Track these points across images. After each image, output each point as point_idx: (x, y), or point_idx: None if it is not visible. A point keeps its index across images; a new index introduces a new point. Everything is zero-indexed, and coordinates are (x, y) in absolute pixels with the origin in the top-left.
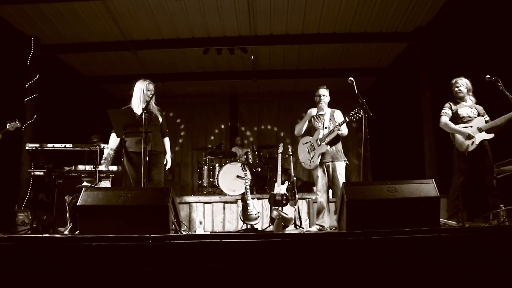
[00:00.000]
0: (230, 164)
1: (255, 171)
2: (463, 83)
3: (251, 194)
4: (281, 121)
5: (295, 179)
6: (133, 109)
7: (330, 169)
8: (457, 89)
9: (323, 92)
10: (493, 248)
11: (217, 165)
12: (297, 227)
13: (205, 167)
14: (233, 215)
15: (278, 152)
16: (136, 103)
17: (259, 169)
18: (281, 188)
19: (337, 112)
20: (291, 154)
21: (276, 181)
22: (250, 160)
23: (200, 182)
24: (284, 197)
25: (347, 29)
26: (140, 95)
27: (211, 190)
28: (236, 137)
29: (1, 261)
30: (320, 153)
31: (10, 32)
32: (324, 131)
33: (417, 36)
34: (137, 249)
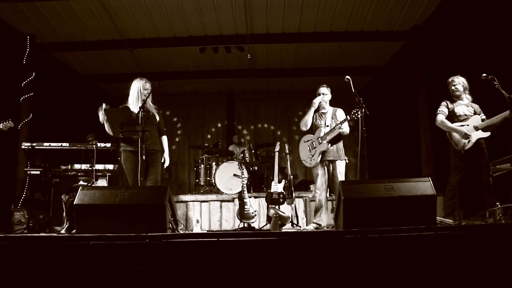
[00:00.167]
0: (227, 162)
1: (252, 169)
2: (459, 82)
3: (248, 193)
4: (278, 119)
5: (292, 177)
6: (129, 108)
7: (330, 167)
8: (453, 87)
9: (324, 90)
10: (489, 246)
11: (214, 163)
12: (294, 225)
13: (202, 165)
14: (230, 213)
15: (275, 150)
16: (133, 102)
17: (256, 167)
18: (278, 187)
19: (339, 111)
20: (288, 152)
21: (273, 180)
22: (247, 159)
23: (197, 180)
24: (281, 195)
25: (343, 27)
26: (137, 93)
27: (208, 189)
28: (234, 136)
29: None
30: (320, 151)
31: (5, 30)
32: (325, 129)
33: (413, 35)
34: (134, 248)
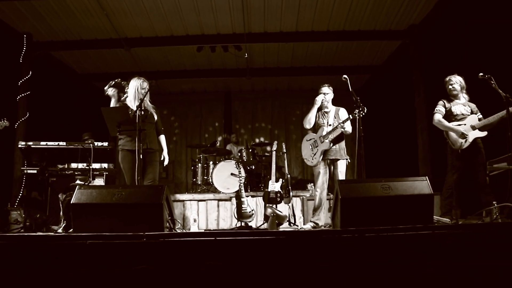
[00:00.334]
0: (224, 161)
1: (249, 168)
2: (456, 81)
3: (245, 192)
4: (275, 118)
5: (289, 176)
6: (127, 107)
7: (331, 166)
8: (450, 86)
9: (325, 90)
10: (486, 245)
11: (211, 162)
12: (291, 224)
13: (199, 164)
14: (227, 212)
15: (272, 149)
16: (131, 101)
17: (253, 166)
18: (275, 186)
19: (342, 110)
20: (285, 151)
21: (270, 179)
22: (244, 158)
23: (194, 180)
24: (278, 194)
25: (341, 27)
26: (135, 92)
27: (205, 188)
28: (232, 134)
29: None
30: (322, 150)
31: (2, 29)
32: (328, 128)
33: (410, 34)
34: (131, 247)
